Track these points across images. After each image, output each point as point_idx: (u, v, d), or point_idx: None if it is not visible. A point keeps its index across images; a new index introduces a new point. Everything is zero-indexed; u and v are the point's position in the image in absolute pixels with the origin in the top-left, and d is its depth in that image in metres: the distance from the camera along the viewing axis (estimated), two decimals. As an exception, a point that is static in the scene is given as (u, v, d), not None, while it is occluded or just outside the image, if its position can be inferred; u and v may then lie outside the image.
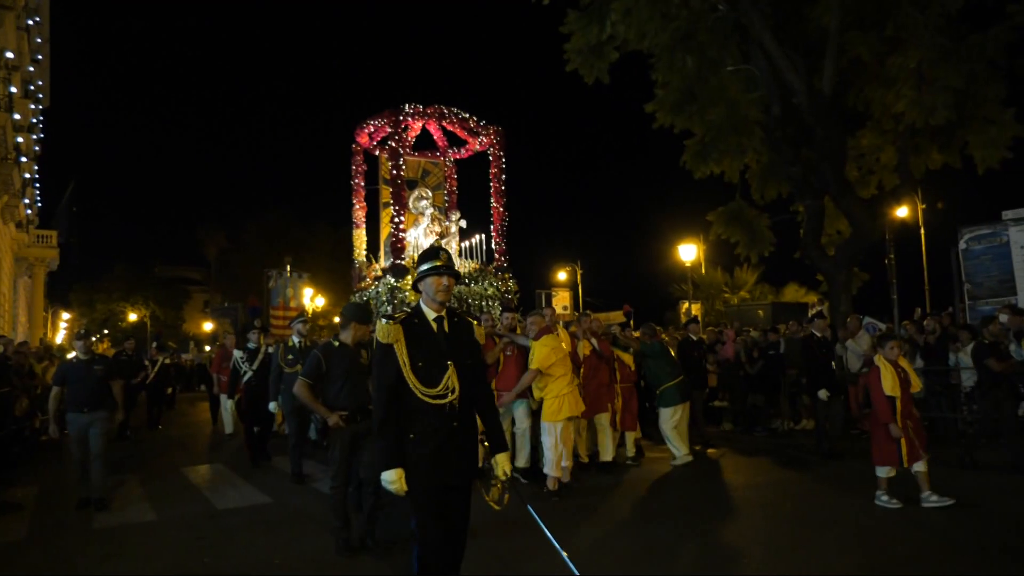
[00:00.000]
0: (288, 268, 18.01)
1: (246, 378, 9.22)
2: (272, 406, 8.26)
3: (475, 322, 3.59)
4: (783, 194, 15.76)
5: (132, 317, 47.87)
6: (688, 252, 25.10)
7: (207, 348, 46.69)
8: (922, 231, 21.49)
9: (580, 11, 13.34)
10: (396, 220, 13.27)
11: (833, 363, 9.40)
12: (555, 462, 6.73)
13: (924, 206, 21.08)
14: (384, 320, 3.33)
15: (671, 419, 8.51)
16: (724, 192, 16.00)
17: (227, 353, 11.92)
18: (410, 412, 3.28)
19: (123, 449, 10.86)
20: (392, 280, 12.72)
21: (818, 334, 9.18)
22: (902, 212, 19.99)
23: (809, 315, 14.04)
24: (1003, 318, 9.32)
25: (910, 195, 18.47)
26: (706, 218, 16.49)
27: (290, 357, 8.21)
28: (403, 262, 12.95)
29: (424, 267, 3.42)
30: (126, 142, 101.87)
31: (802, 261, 14.66)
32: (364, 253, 15.05)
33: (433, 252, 3.44)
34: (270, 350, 9.15)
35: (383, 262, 14.36)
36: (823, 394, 8.78)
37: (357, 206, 15.24)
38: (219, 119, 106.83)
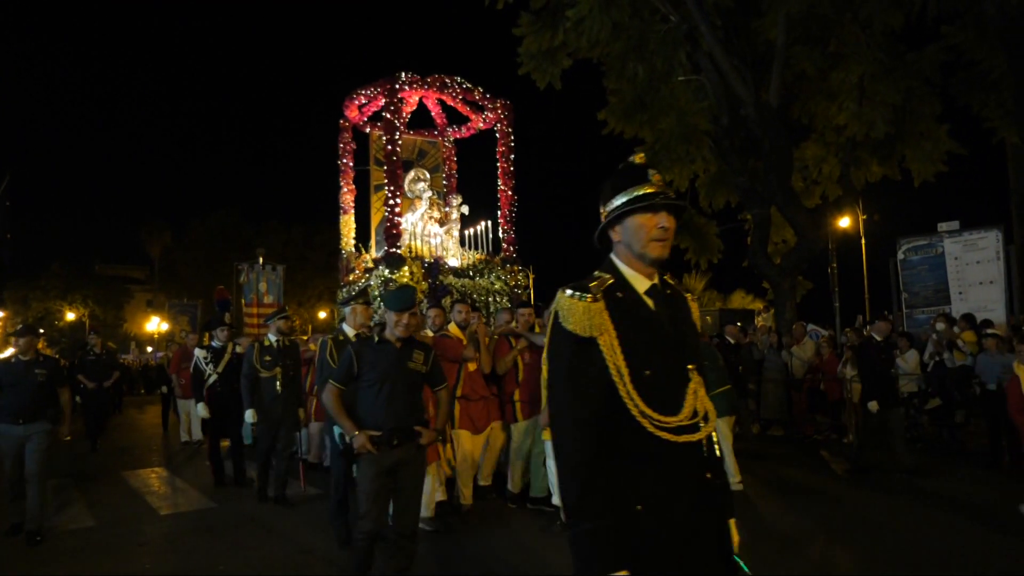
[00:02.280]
0: (261, 260, 16.36)
1: (210, 382, 7.96)
2: (248, 415, 6.89)
3: (689, 294, 2.21)
4: (731, 203, 16.15)
5: (70, 316, 46.23)
6: (638, 258, 25.42)
7: (149, 349, 45.49)
8: (863, 241, 22.20)
9: (533, 14, 13.42)
10: (391, 203, 11.55)
11: (893, 370, 8.32)
12: None
13: (865, 217, 21.79)
14: (570, 293, 1.89)
15: (722, 435, 7.08)
16: (674, 199, 16.27)
17: (186, 353, 11.03)
18: (630, 459, 1.84)
19: (67, 458, 10.43)
20: (386, 271, 11.15)
21: (878, 338, 8.05)
22: (844, 223, 20.65)
23: (787, 320, 13.42)
24: (939, 327, 9.70)
25: (851, 206, 19.10)
26: (657, 224, 16.77)
27: (267, 359, 6.87)
28: (398, 251, 11.34)
29: (622, 199, 1.97)
30: (66, 135, 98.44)
31: (749, 269, 15.02)
32: (353, 242, 13.49)
33: (638, 172, 1.99)
34: (238, 349, 8.04)
35: (374, 251, 12.96)
36: (873, 406, 7.72)
37: (345, 189, 13.65)
38: (165, 113, 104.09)
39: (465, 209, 12.79)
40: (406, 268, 10.99)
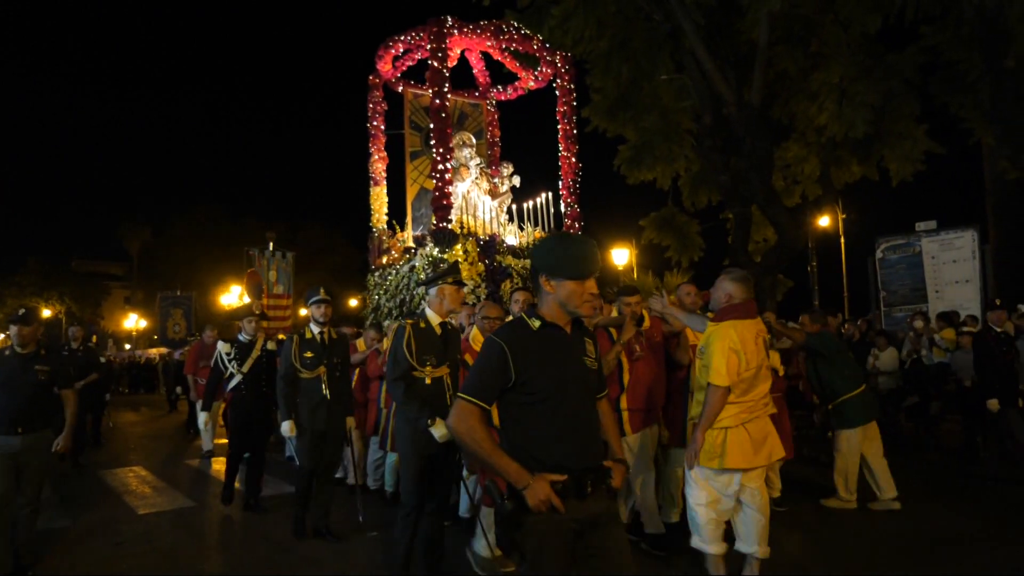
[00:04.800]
0: (271, 246, 14.77)
1: (233, 383, 6.41)
2: (286, 427, 5.42)
3: None
4: (713, 201, 16.26)
5: (46, 313, 45.62)
6: (620, 256, 25.52)
7: (127, 347, 45.03)
8: (842, 240, 22.43)
9: (518, 12, 13.43)
10: (441, 168, 9.67)
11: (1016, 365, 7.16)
12: (711, 530, 3.97)
13: (845, 216, 22.02)
14: None
15: (854, 446, 5.89)
16: (657, 198, 16.38)
17: (205, 349, 9.92)
18: None
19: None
20: (435, 250, 9.38)
21: (997, 328, 7.03)
22: (824, 222, 20.84)
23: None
24: (917, 324, 9.83)
25: (831, 205, 19.28)
26: (639, 223, 16.88)
27: (309, 355, 5.47)
28: (449, 225, 9.46)
29: None
30: (41, 128, 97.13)
31: (730, 267, 15.13)
32: (385, 218, 11.67)
33: None
34: (269, 345, 6.65)
35: (411, 229, 11.25)
36: (993, 405, 6.77)
37: (376, 157, 11.68)
38: (143, 106, 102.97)
39: (516, 180, 11.14)
40: (459, 246, 9.39)
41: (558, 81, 11.28)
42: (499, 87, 12.70)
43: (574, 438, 2.43)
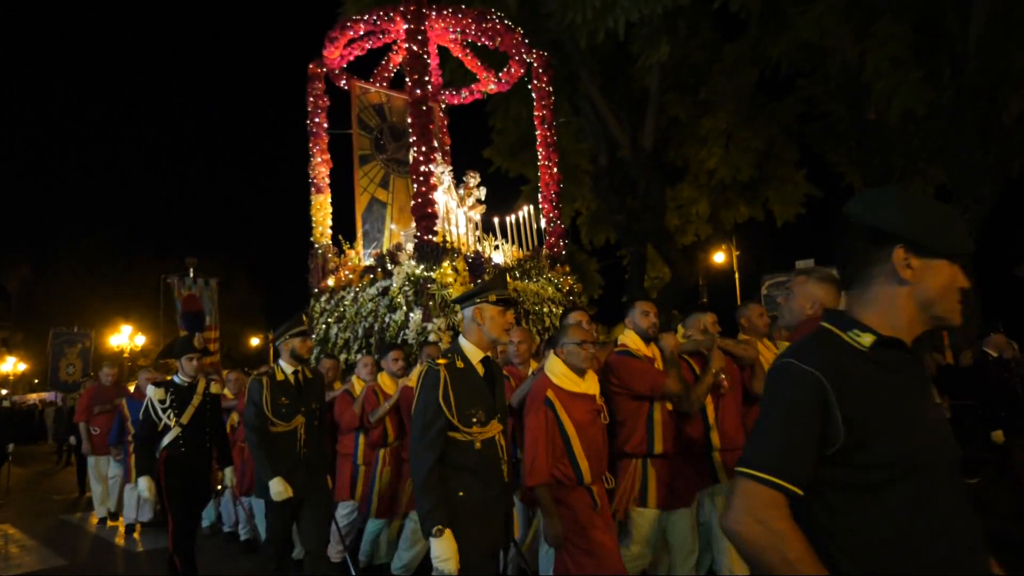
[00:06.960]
0: (192, 272, 13.26)
1: (168, 438, 4.76)
2: (275, 486, 4.10)
3: None
4: (611, 240, 16.81)
5: (-89, 358, 42.03)
6: (525, 292, 25.91)
7: (3, 391, 41.91)
8: (736, 276, 23.56)
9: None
10: (424, 171, 8.00)
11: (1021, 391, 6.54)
12: None
13: (739, 253, 23.18)
14: None
15: None
16: (557, 236, 16.78)
17: (102, 392, 8.43)
18: None
19: None
20: (417, 267, 7.82)
21: (994, 354, 6.52)
22: (720, 258, 21.88)
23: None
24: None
25: (727, 242, 20.28)
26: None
27: (284, 402, 4.27)
28: (434, 238, 7.91)
29: None
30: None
31: (629, 303, 15.64)
32: (330, 232, 9.78)
33: None
34: (212, 389, 5.19)
35: (362, 247, 9.49)
36: (998, 436, 6.11)
37: (318, 159, 9.78)
38: (23, 128, 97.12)
39: (482, 192, 9.46)
40: (446, 264, 7.89)
41: (535, 82, 9.96)
42: (450, 89, 11.06)
43: (957, 541, 1.37)
